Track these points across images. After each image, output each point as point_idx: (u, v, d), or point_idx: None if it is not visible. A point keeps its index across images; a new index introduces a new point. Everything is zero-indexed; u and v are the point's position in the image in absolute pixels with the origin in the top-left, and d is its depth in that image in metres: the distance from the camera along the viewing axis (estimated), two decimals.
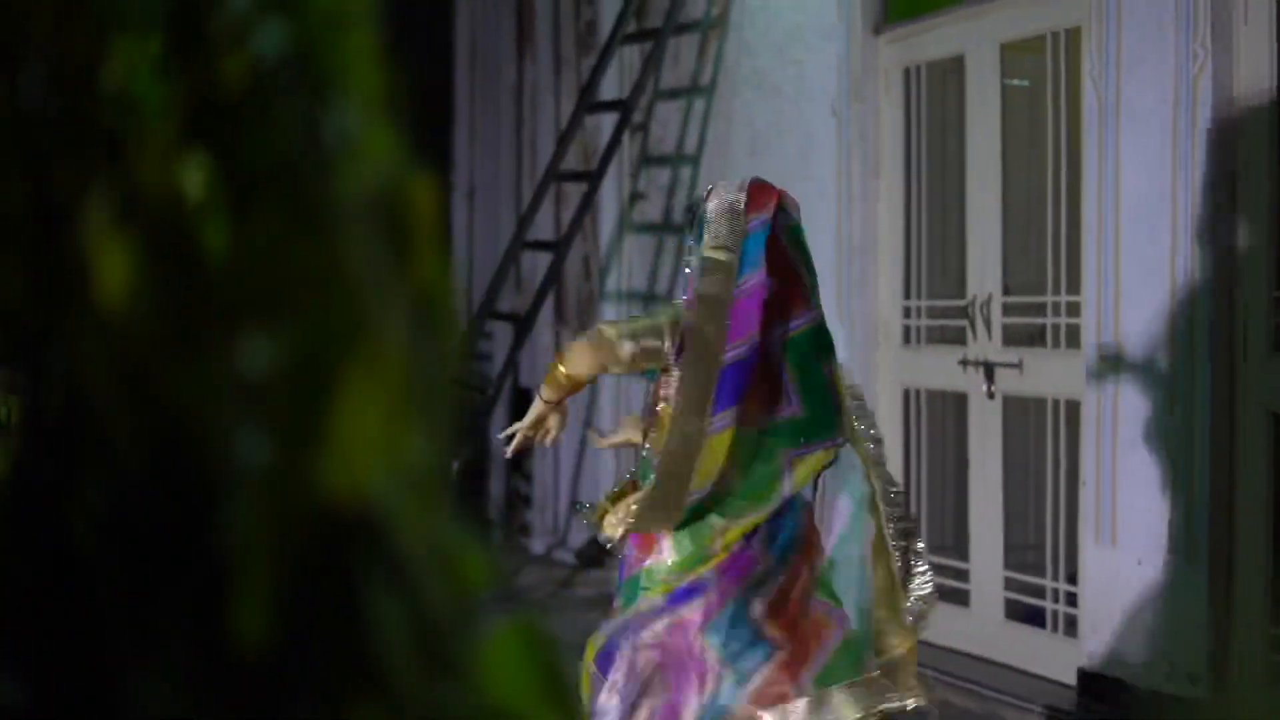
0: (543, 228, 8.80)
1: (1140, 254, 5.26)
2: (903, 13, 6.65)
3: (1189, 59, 5.07)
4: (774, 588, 3.52)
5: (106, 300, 0.66)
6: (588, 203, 8.08)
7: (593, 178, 8.05)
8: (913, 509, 6.67)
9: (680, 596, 3.56)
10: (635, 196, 8.49)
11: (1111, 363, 5.37)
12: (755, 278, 3.53)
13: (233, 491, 0.67)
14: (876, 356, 6.73)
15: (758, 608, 3.50)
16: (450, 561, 0.84)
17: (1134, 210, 5.28)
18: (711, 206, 3.61)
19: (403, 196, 0.79)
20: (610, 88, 8.39)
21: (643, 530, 3.57)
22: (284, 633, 0.70)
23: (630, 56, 8.35)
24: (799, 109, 7.02)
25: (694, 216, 3.67)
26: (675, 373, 3.53)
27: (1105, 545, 5.41)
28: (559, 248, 8.09)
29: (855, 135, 6.71)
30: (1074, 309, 5.74)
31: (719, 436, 3.49)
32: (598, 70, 8.16)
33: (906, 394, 6.67)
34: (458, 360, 0.78)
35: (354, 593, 0.74)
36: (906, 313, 6.68)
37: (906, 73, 6.64)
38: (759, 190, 3.66)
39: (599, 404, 8.70)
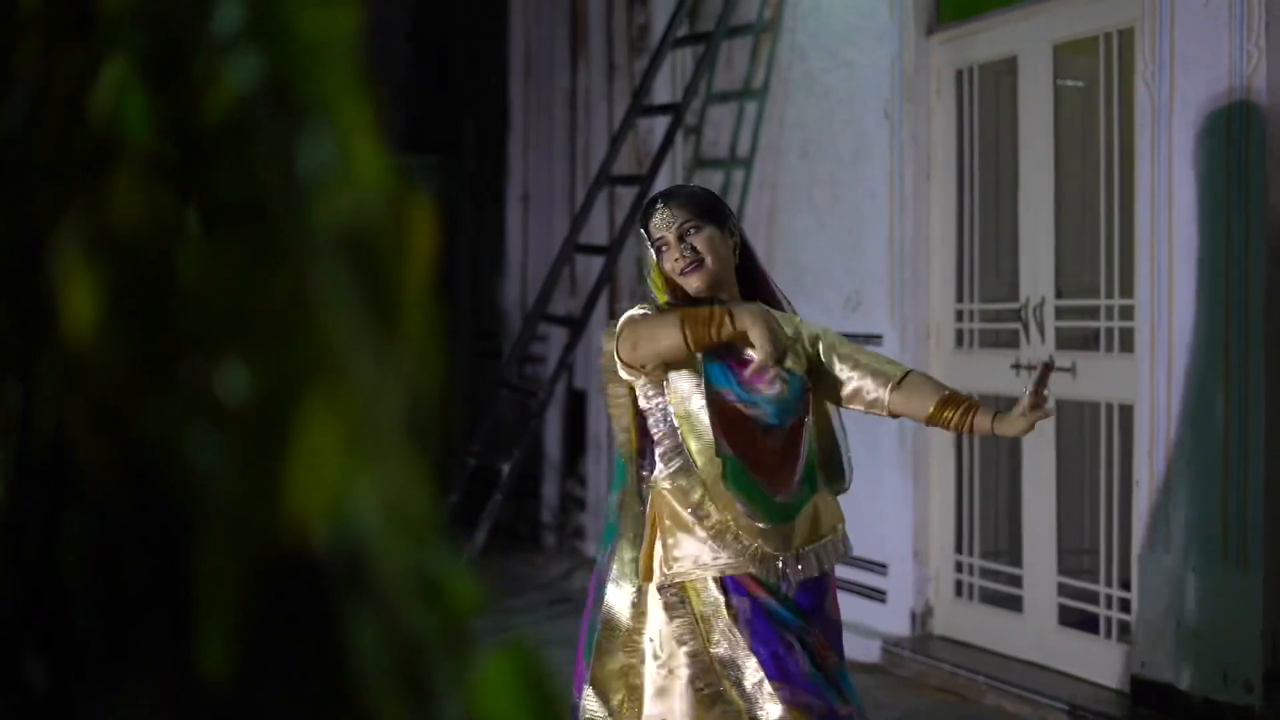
0: (596, 231, 8.80)
1: (1194, 256, 5.20)
2: (955, 13, 6.62)
3: (1243, 59, 5.02)
4: None
5: (72, 333, 0.66)
6: (640, 206, 8.07)
7: (645, 181, 8.05)
8: (962, 515, 6.64)
9: None
10: None
11: (1164, 367, 5.31)
12: None
13: (198, 523, 0.67)
14: (929, 360, 6.69)
15: None
16: (436, 589, 0.83)
17: (1187, 212, 5.23)
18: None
19: (384, 227, 0.78)
20: (663, 91, 8.39)
21: None
22: (252, 663, 0.70)
23: (683, 60, 8.35)
24: (851, 111, 7.00)
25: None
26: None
27: (1159, 551, 5.36)
28: (612, 251, 8.10)
29: (907, 137, 6.68)
30: (1127, 312, 5.68)
31: None
32: (650, 74, 8.16)
33: None
34: (440, 389, 0.78)
35: (328, 623, 0.74)
36: (959, 316, 6.64)
37: (959, 74, 6.61)
38: None
39: None
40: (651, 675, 3.48)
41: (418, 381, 0.76)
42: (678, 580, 3.49)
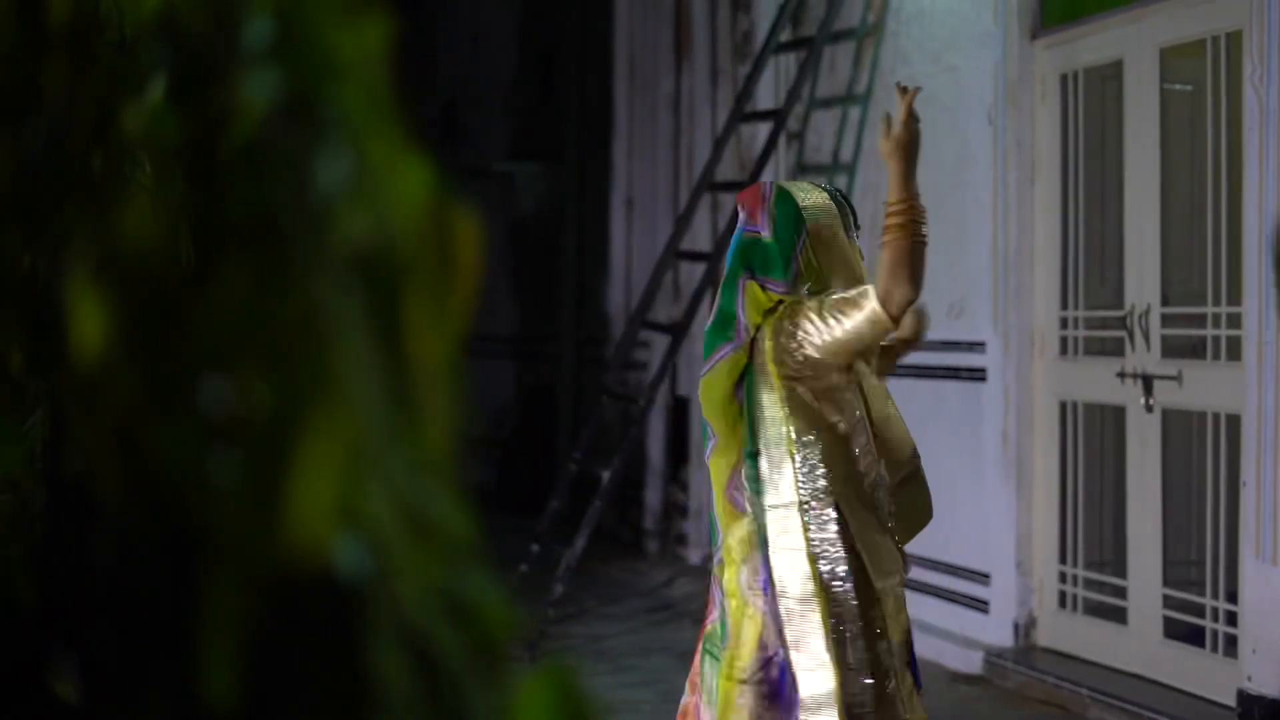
0: (699, 237, 8.79)
1: None
2: (1060, 17, 6.54)
3: None
4: None
5: (81, 354, 0.67)
6: None
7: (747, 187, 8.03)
8: (1066, 525, 6.56)
9: None
10: None
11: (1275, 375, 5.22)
12: None
13: (206, 545, 0.67)
14: (1033, 368, 6.62)
15: None
16: (467, 611, 0.83)
17: None
18: None
19: (409, 246, 0.78)
20: (766, 97, 8.37)
21: None
22: (268, 689, 0.70)
23: (786, 65, 8.32)
24: (954, 117, 6.93)
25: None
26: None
27: (1266, 563, 5.25)
28: (714, 257, 8.08)
29: (1011, 143, 6.61)
30: (1235, 320, 5.58)
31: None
32: (753, 79, 8.14)
33: (1063, 406, 6.55)
34: (461, 411, 0.77)
35: (345, 648, 0.73)
36: (1064, 323, 6.56)
37: (1063, 79, 6.53)
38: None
39: None
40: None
41: (437, 401, 0.76)
42: None
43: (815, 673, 3.35)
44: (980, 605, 6.82)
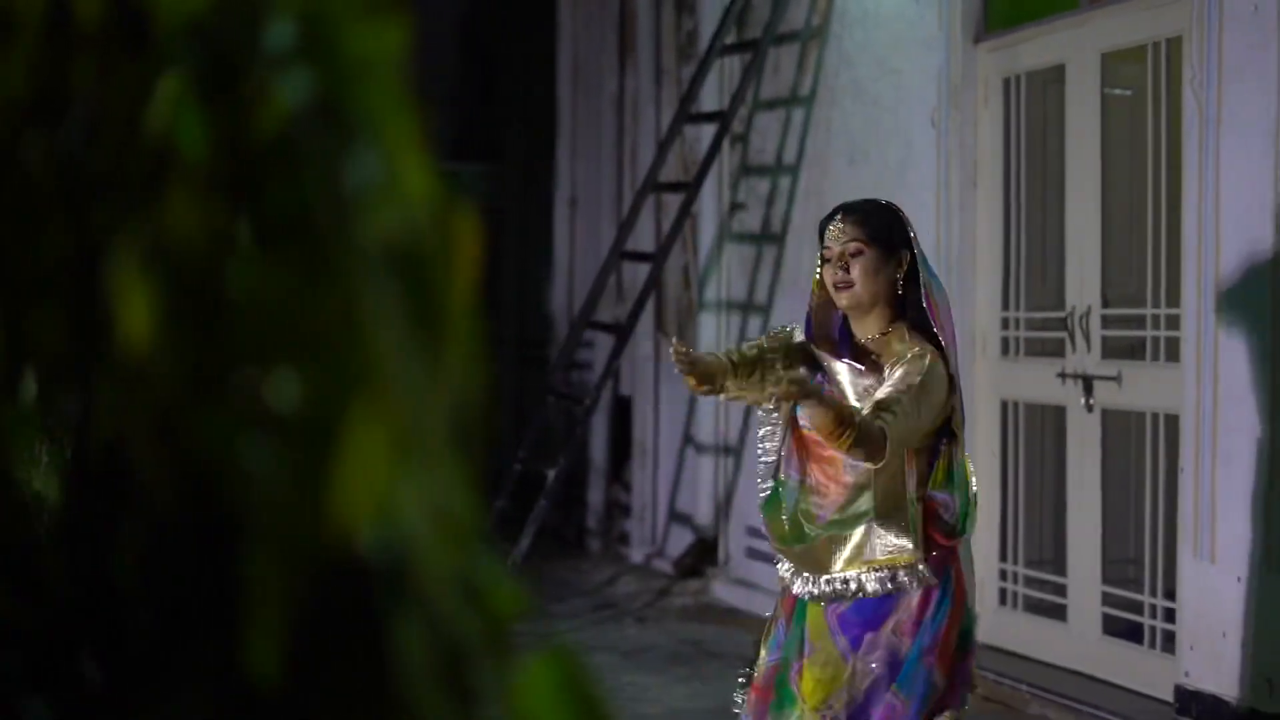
0: (642, 238, 8.83)
1: (1241, 266, 5.19)
2: (1003, 21, 6.62)
3: None
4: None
5: (128, 345, 0.69)
6: (686, 213, 8.10)
7: (692, 188, 8.08)
8: (1007, 523, 6.63)
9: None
10: (734, 206, 8.49)
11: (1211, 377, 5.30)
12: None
13: (246, 530, 0.70)
14: (975, 368, 6.69)
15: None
16: (480, 593, 0.86)
17: (1235, 222, 5.21)
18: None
19: (430, 240, 0.81)
20: (710, 98, 8.41)
21: None
22: (300, 666, 0.73)
23: (730, 67, 8.36)
24: (898, 119, 7.00)
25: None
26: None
27: (1204, 561, 5.34)
28: (658, 258, 8.13)
29: (954, 145, 6.67)
30: (1174, 321, 5.67)
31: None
32: (697, 80, 8.18)
33: (1005, 406, 6.63)
34: (483, 398, 0.80)
35: (374, 628, 0.76)
36: (1005, 324, 6.64)
37: (1006, 82, 6.60)
38: None
39: (696, 413, 8.72)
40: None
41: (462, 391, 0.79)
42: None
43: None
44: None
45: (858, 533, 3.64)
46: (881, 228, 3.70)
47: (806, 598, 3.70)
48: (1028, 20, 6.45)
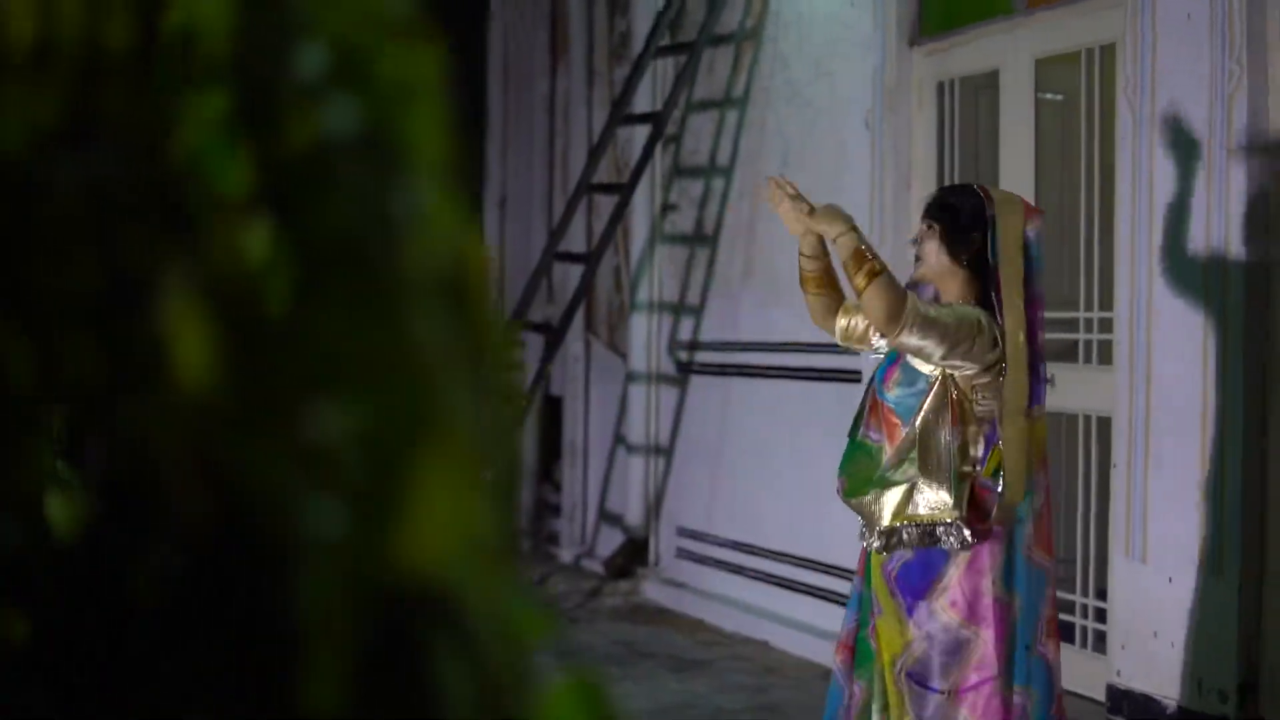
0: (575, 239, 8.83)
1: (1173, 271, 5.26)
2: (937, 26, 6.66)
3: (1224, 76, 5.07)
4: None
5: (185, 378, 0.68)
6: (619, 214, 8.11)
7: (625, 189, 8.08)
8: None
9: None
10: (667, 208, 8.51)
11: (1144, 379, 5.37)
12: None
13: (303, 565, 0.69)
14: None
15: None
16: (511, 621, 0.86)
17: (1167, 226, 5.28)
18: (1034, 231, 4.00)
19: (468, 267, 0.81)
20: (643, 98, 8.42)
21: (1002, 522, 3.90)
22: (353, 705, 0.72)
23: (663, 68, 8.38)
24: (832, 121, 7.04)
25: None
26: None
27: (1135, 561, 5.41)
28: (590, 259, 8.13)
29: (888, 148, 6.72)
30: (1107, 325, 5.74)
31: (1041, 422, 3.99)
32: (631, 82, 8.18)
33: None
34: (519, 427, 0.80)
35: (423, 662, 0.76)
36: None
37: (940, 86, 6.65)
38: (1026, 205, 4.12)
39: (627, 413, 8.73)
40: None
41: (503, 419, 0.79)
42: None
43: None
44: (840, 599, 6.92)
45: (903, 488, 3.88)
46: (948, 208, 3.97)
47: (867, 548, 4.00)
48: (962, 25, 6.50)
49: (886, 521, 3.90)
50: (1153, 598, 5.33)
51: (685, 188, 8.33)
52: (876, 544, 3.94)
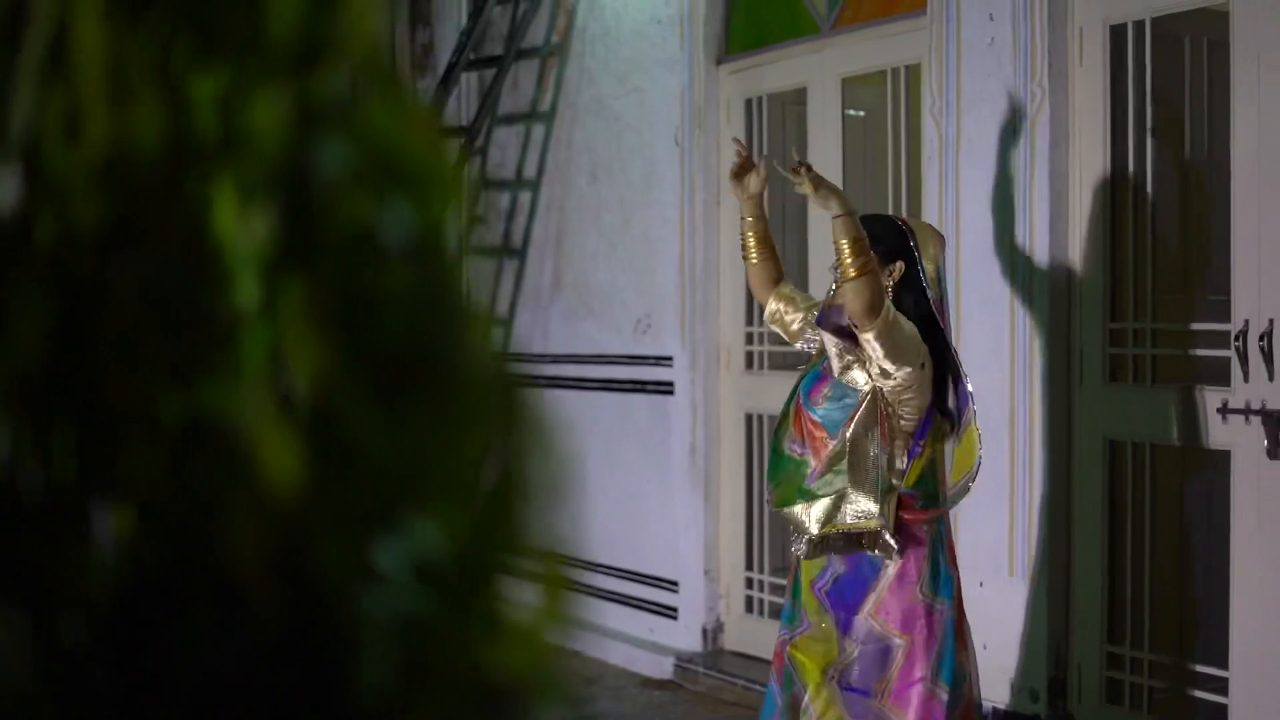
0: None
1: (980, 286, 5.43)
2: (744, 45, 6.78)
3: (1027, 97, 5.26)
4: None
5: (273, 488, 0.71)
6: None
7: None
8: (752, 532, 6.80)
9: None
10: (474, 220, 8.49)
11: None
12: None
13: (390, 670, 0.72)
14: (719, 381, 6.84)
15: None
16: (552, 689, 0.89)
17: (974, 243, 5.45)
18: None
19: (507, 361, 0.84)
20: (449, 112, 8.41)
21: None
22: None
23: (468, 81, 8.38)
24: (641, 137, 7.12)
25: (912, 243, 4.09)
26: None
27: None
28: None
29: (698, 163, 6.82)
30: None
31: (970, 429, 4.16)
32: (438, 96, 8.17)
33: (749, 419, 6.80)
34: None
35: None
36: (749, 339, 6.80)
37: (748, 103, 6.77)
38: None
39: None
40: None
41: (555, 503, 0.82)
42: None
43: None
44: (670, 612, 7.02)
45: (830, 499, 4.02)
46: (878, 238, 4.05)
47: (797, 553, 4.13)
48: (769, 44, 6.63)
49: (815, 530, 4.05)
50: (965, 602, 5.48)
51: (492, 200, 8.34)
52: (804, 550, 4.09)
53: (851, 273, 3.89)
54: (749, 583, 6.82)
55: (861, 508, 4.00)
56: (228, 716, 0.80)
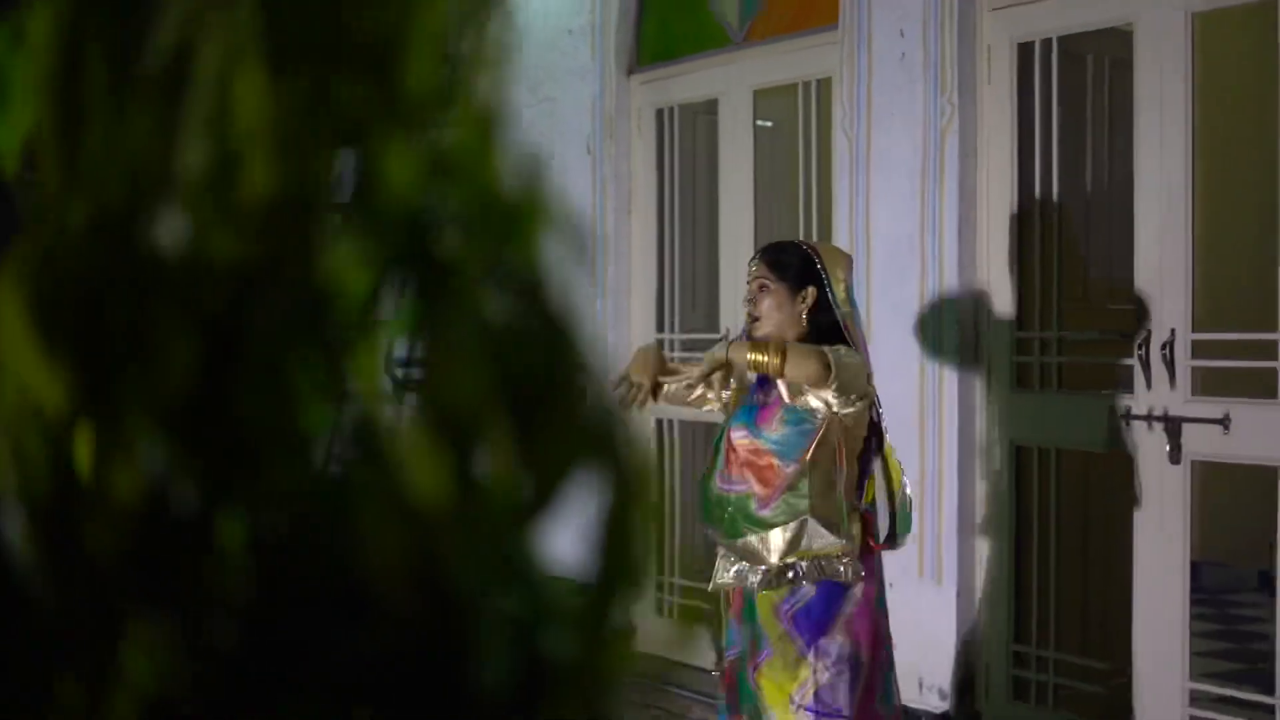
0: None
1: (890, 296, 5.56)
2: (654, 56, 6.87)
3: (937, 113, 5.40)
4: None
5: (421, 502, 0.79)
6: None
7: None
8: (664, 532, 6.88)
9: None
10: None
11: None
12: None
13: (509, 671, 0.80)
14: None
15: None
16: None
17: (884, 254, 5.58)
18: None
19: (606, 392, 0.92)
20: None
21: None
22: None
23: None
24: (552, 146, 7.18)
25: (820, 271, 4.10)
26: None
27: None
28: None
29: (609, 173, 6.90)
30: None
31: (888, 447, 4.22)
32: None
33: (660, 425, 6.88)
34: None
35: None
36: (660, 347, 6.87)
37: (659, 113, 6.86)
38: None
39: None
40: None
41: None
42: None
43: None
44: None
45: (793, 526, 3.97)
46: (787, 266, 4.09)
47: (751, 587, 4.07)
48: (680, 55, 6.72)
49: (776, 559, 4.00)
50: None
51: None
52: (759, 580, 4.04)
53: (777, 362, 3.87)
54: (659, 586, 6.90)
55: (827, 533, 3.97)
56: (362, 712, 0.88)
